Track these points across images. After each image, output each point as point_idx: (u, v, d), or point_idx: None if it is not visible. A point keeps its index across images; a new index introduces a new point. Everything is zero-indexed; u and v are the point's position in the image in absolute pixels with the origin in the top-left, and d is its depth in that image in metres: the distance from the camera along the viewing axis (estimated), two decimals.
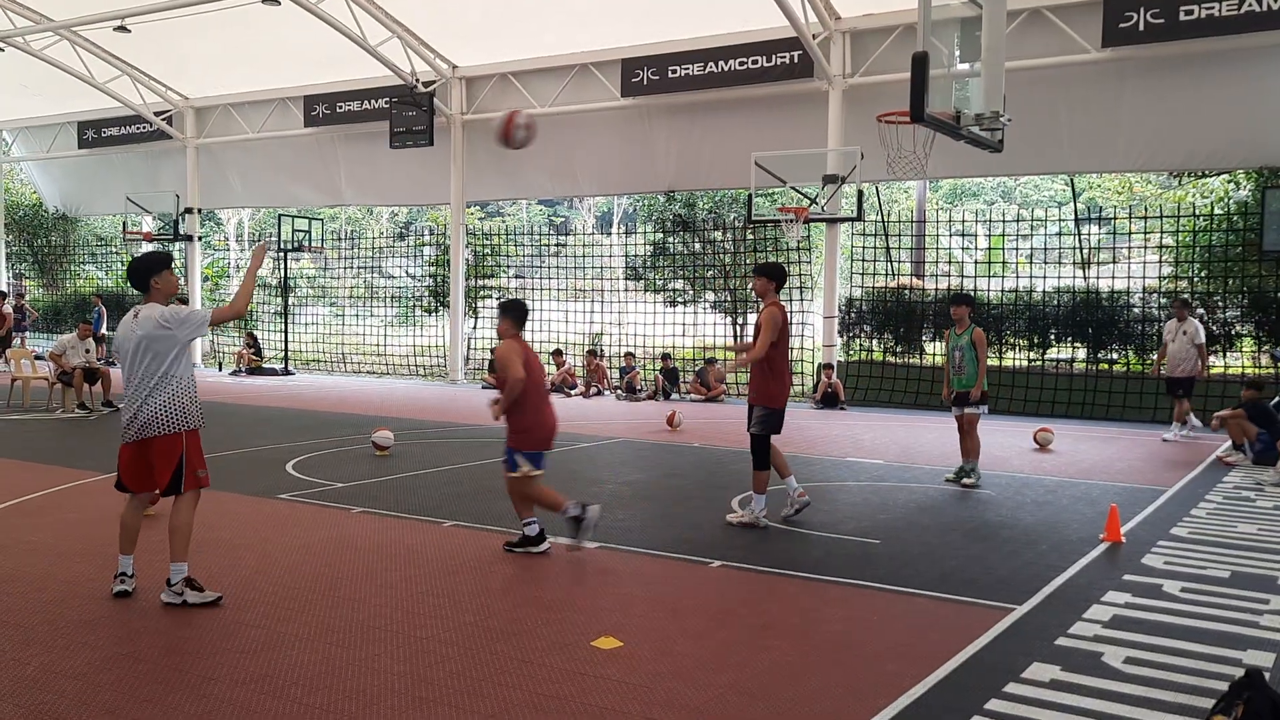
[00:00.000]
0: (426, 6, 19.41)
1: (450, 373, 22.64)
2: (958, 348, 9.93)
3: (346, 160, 23.79)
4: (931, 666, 4.84)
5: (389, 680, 4.61)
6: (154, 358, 5.58)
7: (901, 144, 11.09)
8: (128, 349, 5.62)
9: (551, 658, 4.93)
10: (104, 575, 6.25)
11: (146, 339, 5.57)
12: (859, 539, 7.58)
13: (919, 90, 7.81)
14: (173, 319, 5.59)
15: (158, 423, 5.56)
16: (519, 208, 43.33)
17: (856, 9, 17.23)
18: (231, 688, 4.49)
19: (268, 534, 7.47)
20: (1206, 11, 14.63)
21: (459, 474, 10.28)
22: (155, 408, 5.56)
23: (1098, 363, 17.47)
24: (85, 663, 4.78)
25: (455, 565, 6.67)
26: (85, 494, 8.97)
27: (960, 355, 9.90)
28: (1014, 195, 40.58)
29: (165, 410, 5.57)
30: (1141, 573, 6.64)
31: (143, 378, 5.59)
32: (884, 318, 19.08)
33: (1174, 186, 22.14)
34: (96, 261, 30.49)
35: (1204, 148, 15.72)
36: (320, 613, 5.59)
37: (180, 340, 5.64)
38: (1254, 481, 10.29)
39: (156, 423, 5.56)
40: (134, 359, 5.60)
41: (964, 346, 9.88)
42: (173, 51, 22.45)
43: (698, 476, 10.44)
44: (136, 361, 5.60)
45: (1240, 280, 16.23)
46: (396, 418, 14.88)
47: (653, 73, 19.17)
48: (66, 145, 27.88)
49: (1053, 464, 11.44)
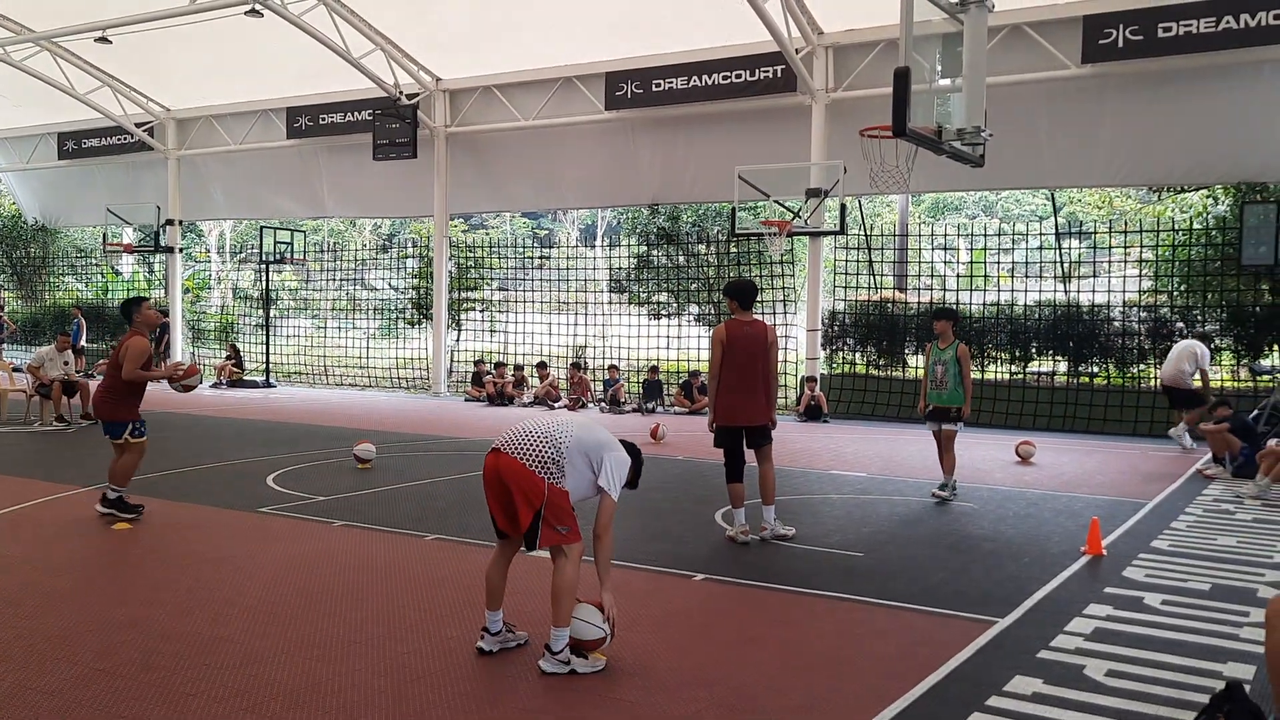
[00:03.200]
0: (410, 19, 19.41)
1: (433, 385, 22.57)
2: (940, 362, 9.84)
3: (329, 172, 23.73)
4: (915, 680, 4.84)
5: (370, 695, 4.57)
6: None
7: (884, 158, 11.15)
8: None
9: (535, 672, 4.90)
10: (81, 589, 6.20)
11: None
12: (842, 552, 7.58)
13: (901, 105, 7.85)
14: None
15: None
16: (502, 220, 43.30)
17: (839, 24, 17.34)
18: (210, 704, 4.45)
19: (248, 547, 7.41)
20: (1185, 29, 14.81)
21: (441, 487, 10.23)
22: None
23: (1079, 376, 17.57)
24: (61, 679, 4.72)
25: (437, 579, 6.64)
26: (63, 507, 8.88)
27: (943, 370, 9.81)
28: (995, 209, 40.84)
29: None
30: (1123, 585, 6.66)
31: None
32: (867, 331, 19.14)
33: (1153, 201, 22.33)
34: (76, 273, 30.28)
35: (1183, 163, 15.90)
36: (301, 627, 5.55)
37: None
38: (1233, 495, 10.35)
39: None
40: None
41: (947, 361, 9.79)
42: (154, 63, 22.36)
43: (681, 489, 10.42)
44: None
45: (1219, 294, 16.36)
46: (378, 430, 14.82)
47: (636, 86, 19.23)
48: (46, 156, 27.70)
49: (1034, 477, 11.49)
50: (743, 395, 7.81)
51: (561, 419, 5.13)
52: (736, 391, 7.81)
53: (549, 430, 5.00)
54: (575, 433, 5.03)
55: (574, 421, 5.16)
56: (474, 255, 24.87)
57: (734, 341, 7.79)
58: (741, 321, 7.86)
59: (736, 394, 7.81)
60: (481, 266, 24.42)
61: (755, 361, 7.78)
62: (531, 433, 4.98)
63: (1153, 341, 16.94)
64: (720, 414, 7.91)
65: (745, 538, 7.78)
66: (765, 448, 7.97)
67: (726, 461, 7.95)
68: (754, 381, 7.80)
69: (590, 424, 5.23)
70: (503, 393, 20.19)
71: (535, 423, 5.08)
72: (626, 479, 5.24)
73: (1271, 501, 9.88)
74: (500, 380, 20.44)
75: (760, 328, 7.84)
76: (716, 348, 7.86)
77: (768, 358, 7.80)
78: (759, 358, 7.78)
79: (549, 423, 5.08)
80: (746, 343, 7.78)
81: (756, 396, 7.81)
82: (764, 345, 7.79)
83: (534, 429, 5.01)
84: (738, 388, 7.80)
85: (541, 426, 5.03)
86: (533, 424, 5.06)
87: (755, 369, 7.79)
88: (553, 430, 5.00)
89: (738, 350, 7.78)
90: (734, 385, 7.81)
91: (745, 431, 7.90)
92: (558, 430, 5.00)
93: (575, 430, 5.05)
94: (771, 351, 7.83)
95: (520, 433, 5.00)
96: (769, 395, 7.86)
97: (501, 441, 5.01)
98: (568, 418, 5.22)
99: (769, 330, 7.87)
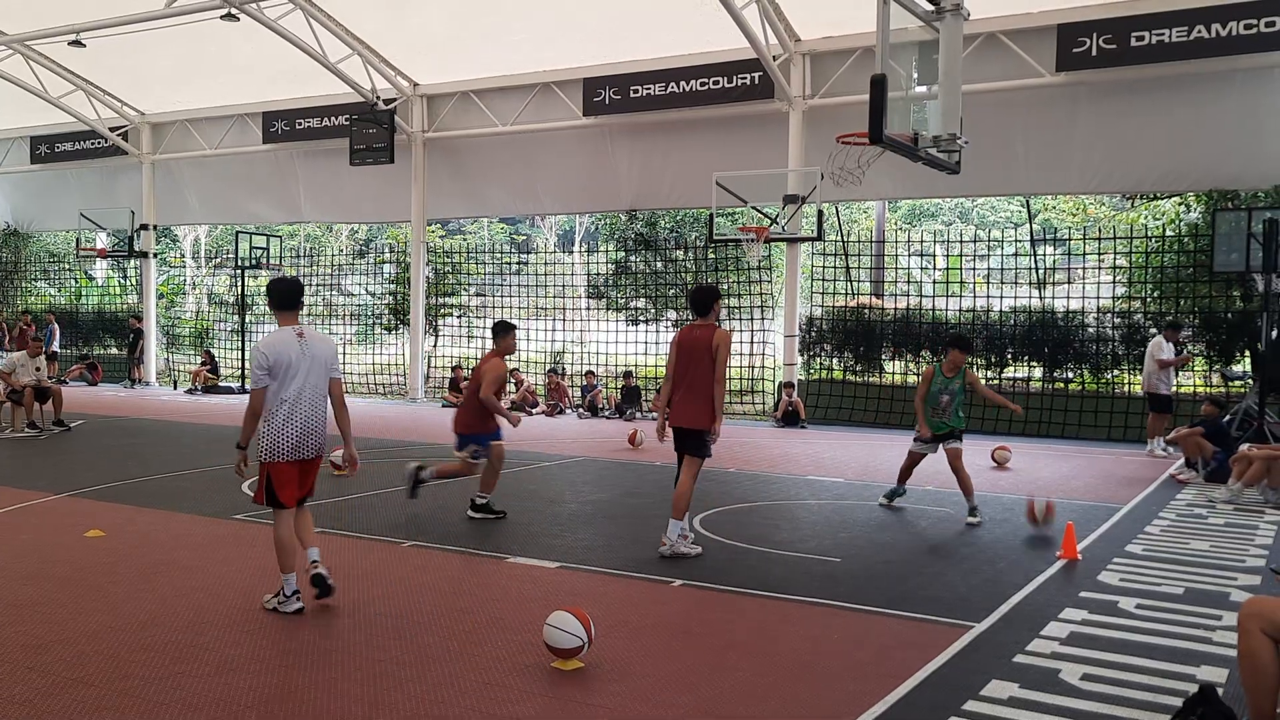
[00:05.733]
0: (387, 24, 19.36)
1: (410, 391, 22.48)
2: (947, 391, 9.28)
3: (306, 177, 23.63)
4: (892, 685, 4.86)
5: (348, 704, 4.54)
6: None
7: (846, 160, 11.16)
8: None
9: (513, 679, 4.88)
10: (52, 598, 6.13)
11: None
12: (820, 557, 7.60)
13: (878, 112, 7.90)
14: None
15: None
16: (480, 225, 43.20)
17: (816, 31, 17.43)
18: (185, 712, 4.41)
19: (223, 555, 7.36)
20: (1157, 38, 14.98)
21: (418, 493, 10.16)
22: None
23: (1054, 381, 17.70)
24: (32, 689, 4.66)
25: (415, 586, 6.60)
26: (34, 515, 8.78)
27: (949, 400, 9.25)
28: (971, 216, 41.09)
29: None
30: (1097, 590, 6.71)
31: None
32: (844, 337, 19.21)
33: (1127, 209, 22.51)
34: (49, 278, 29.99)
35: (1156, 170, 16.08)
36: (277, 635, 5.51)
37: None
38: (1206, 499, 10.44)
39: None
40: None
41: (954, 391, 9.26)
42: (129, 66, 22.20)
43: (659, 495, 10.39)
44: None
45: (1192, 300, 16.53)
46: (355, 436, 14.67)
47: (614, 92, 19.24)
48: (19, 160, 27.44)
49: (1010, 482, 11.55)
50: (682, 398, 7.64)
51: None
52: (677, 395, 7.67)
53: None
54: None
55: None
56: (451, 260, 24.81)
57: (681, 346, 7.70)
58: (694, 325, 7.74)
59: (676, 397, 7.68)
60: (459, 272, 24.36)
61: (696, 366, 7.56)
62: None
63: (1127, 347, 17.09)
64: (670, 418, 7.77)
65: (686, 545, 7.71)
66: (692, 458, 7.66)
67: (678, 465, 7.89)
68: (691, 386, 7.58)
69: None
70: None
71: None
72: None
73: (1244, 506, 9.97)
74: None
75: (706, 332, 7.59)
76: (670, 352, 7.86)
77: (713, 360, 7.47)
78: (701, 362, 7.52)
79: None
80: (690, 346, 7.63)
81: (692, 401, 7.56)
82: (707, 348, 7.50)
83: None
84: (678, 391, 7.67)
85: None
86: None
87: (696, 373, 7.55)
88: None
89: (681, 356, 7.67)
90: (677, 389, 7.68)
91: (682, 435, 7.70)
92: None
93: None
94: (719, 353, 7.47)
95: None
96: (710, 402, 7.49)
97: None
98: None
99: (715, 335, 7.55)
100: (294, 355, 5.90)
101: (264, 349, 5.88)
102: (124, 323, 26.63)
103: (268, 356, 5.83)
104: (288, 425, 5.91)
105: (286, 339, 5.92)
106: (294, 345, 5.92)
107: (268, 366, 5.84)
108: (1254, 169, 15.27)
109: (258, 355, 5.88)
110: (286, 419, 5.90)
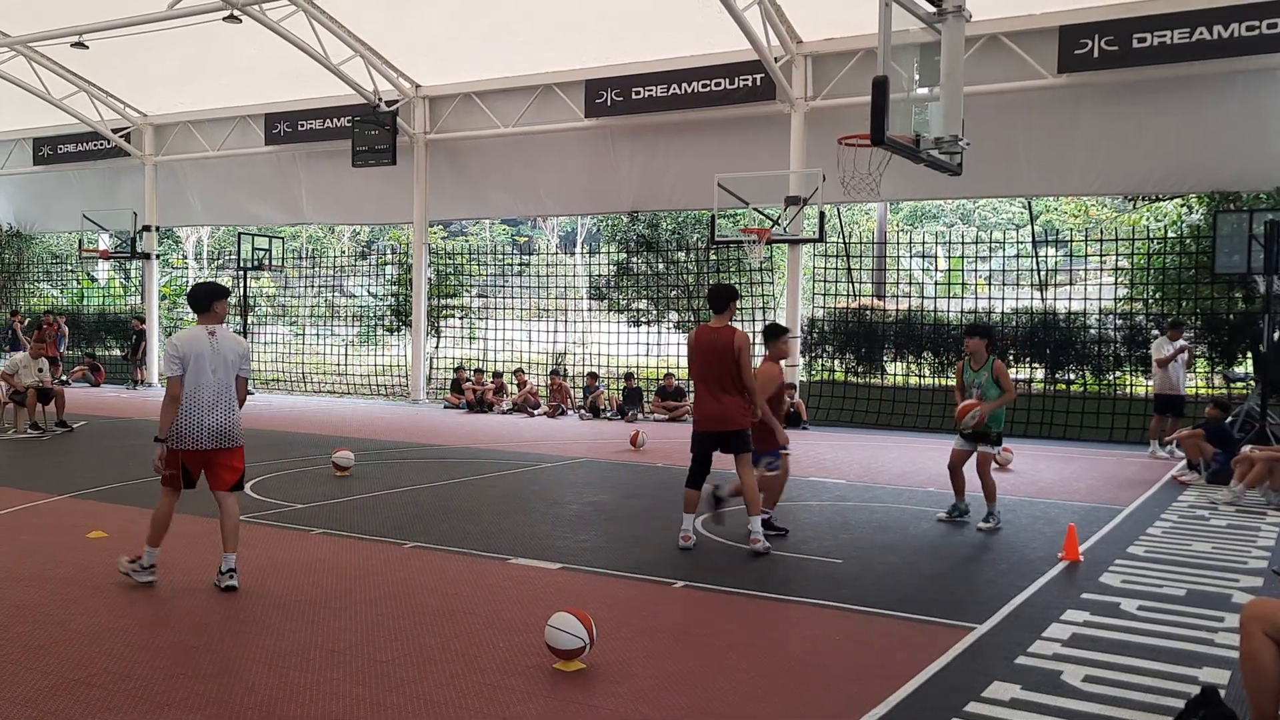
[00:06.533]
0: (390, 26, 19.37)
1: (412, 392, 22.48)
2: (975, 385, 9.04)
3: (308, 179, 23.64)
4: (893, 686, 4.86)
5: (349, 704, 4.54)
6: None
7: (857, 167, 11.18)
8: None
9: (513, 679, 4.89)
10: (55, 599, 6.14)
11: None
12: (822, 559, 7.60)
13: (879, 114, 7.89)
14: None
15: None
16: (482, 227, 43.19)
17: (818, 33, 17.42)
18: (187, 713, 4.41)
19: None
20: (1159, 40, 14.97)
21: (420, 495, 10.19)
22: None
23: (1055, 383, 17.70)
24: (34, 689, 4.67)
25: (416, 587, 6.61)
26: (37, 516, 8.79)
27: (979, 394, 8.99)
28: (973, 218, 41.04)
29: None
30: (1099, 591, 6.71)
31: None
32: (846, 338, 19.21)
33: (1128, 210, 22.49)
34: (51, 280, 30.00)
35: (1157, 172, 16.07)
36: (278, 636, 5.51)
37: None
38: (1208, 500, 10.44)
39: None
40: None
41: (983, 384, 8.98)
42: (131, 68, 22.21)
43: (661, 496, 10.41)
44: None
45: (1193, 302, 16.52)
46: (357, 438, 14.75)
47: (616, 94, 19.25)
48: (21, 162, 27.46)
49: (1012, 483, 11.54)
50: (712, 403, 7.72)
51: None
52: (704, 400, 7.78)
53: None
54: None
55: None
56: (453, 262, 24.82)
57: (698, 348, 7.75)
58: (710, 328, 7.79)
59: (705, 402, 7.77)
60: (461, 273, 24.37)
61: (719, 368, 7.63)
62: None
63: (1128, 349, 17.08)
64: (695, 420, 7.93)
65: (684, 543, 7.75)
66: (743, 455, 7.79)
67: (690, 466, 7.92)
68: (719, 389, 7.65)
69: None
70: (482, 400, 20.14)
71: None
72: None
73: (1246, 507, 9.97)
74: (479, 387, 20.39)
75: (726, 334, 7.65)
76: (689, 352, 7.90)
77: (736, 363, 7.58)
78: (724, 364, 7.60)
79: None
80: (708, 349, 7.69)
81: (722, 404, 7.65)
82: (729, 351, 7.60)
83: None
84: (705, 396, 7.77)
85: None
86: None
87: (719, 375, 7.63)
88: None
89: (700, 358, 7.73)
90: (702, 393, 7.80)
91: (717, 438, 7.79)
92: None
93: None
94: (741, 357, 7.59)
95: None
96: (744, 401, 7.70)
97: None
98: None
99: (735, 336, 7.63)
100: (204, 350, 6.34)
101: (176, 341, 6.40)
102: (126, 324, 26.65)
103: (179, 348, 6.32)
104: (188, 414, 6.34)
105: (198, 335, 6.40)
106: (204, 341, 6.37)
107: (179, 357, 6.30)
108: (1255, 170, 15.26)
109: (170, 347, 6.37)
110: (188, 409, 6.34)
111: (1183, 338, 14.56)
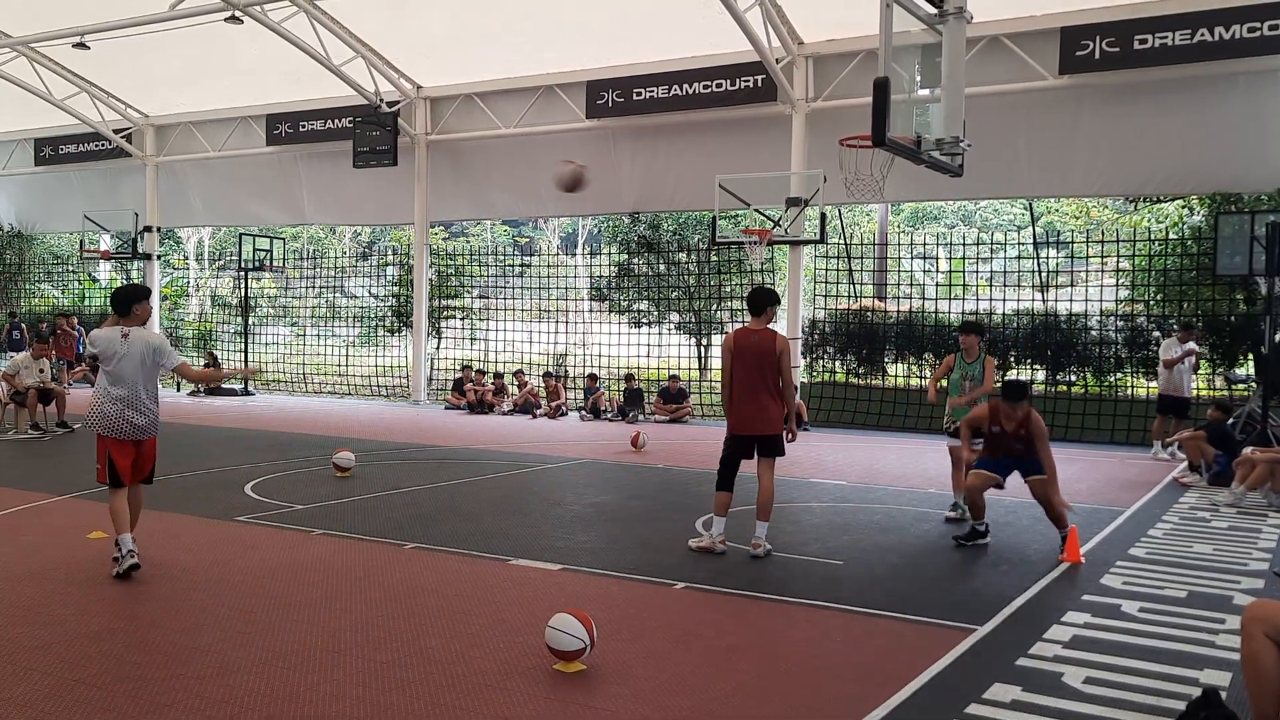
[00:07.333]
0: (391, 27, 19.38)
1: (413, 393, 22.49)
2: (969, 378, 9.34)
3: (309, 179, 23.64)
4: (894, 688, 4.85)
5: (349, 705, 4.54)
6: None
7: (859, 168, 11.18)
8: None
9: (513, 680, 4.88)
10: (55, 599, 6.14)
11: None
12: (822, 560, 7.60)
13: (880, 115, 7.88)
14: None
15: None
16: (483, 228, 43.23)
17: (819, 34, 17.42)
18: (187, 714, 4.41)
19: (225, 557, 7.36)
20: (1160, 41, 14.96)
21: (420, 496, 10.19)
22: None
23: (1056, 384, 17.69)
24: (33, 690, 4.67)
25: (416, 588, 6.60)
26: (37, 516, 8.80)
27: (971, 386, 9.30)
28: (974, 219, 41.07)
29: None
30: (1100, 593, 6.70)
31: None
32: (847, 339, 19.21)
33: (1130, 211, 22.50)
34: (53, 280, 30.02)
35: (1159, 173, 16.06)
36: (279, 637, 5.51)
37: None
38: (1209, 502, 10.43)
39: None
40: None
41: (976, 376, 9.30)
42: (133, 69, 22.22)
43: (662, 498, 10.42)
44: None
45: (1195, 304, 16.51)
46: (358, 439, 14.74)
47: (618, 95, 19.25)
48: (23, 162, 27.48)
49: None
50: (753, 406, 7.70)
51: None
52: (746, 402, 7.72)
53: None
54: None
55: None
56: (454, 263, 24.82)
57: (740, 351, 7.73)
58: (750, 330, 7.78)
59: (746, 404, 7.72)
60: (462, 274, 24.37)
61: (760, 371, 7.64)
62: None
63: (1129, 350, 17.07)
64: (732, 424, 7.83)
65: (721, 547, 7.72)
66: (769, 459, 7.79)
67: (720, 468, 7.87)
68: (761, 391, 7.67)
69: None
70: (483, 400, 20.14)
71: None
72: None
73: (1247, 509, 9.97)
74: (480, 388, 20.39)
75: (768, 336, 7.68)
76: (725, 356, 7.81)
77: (777, 367, 7.63)
78: (766, 368, 7.63)
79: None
80: (751, 352, 7.68)
81: (766, 407, 7.67)
82: (771, 354, 7.62)
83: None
84: (746, 398, 7.71)
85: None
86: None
87: (762, 379, 7.65)
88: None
89: (742, 360, 7.71)
90: (743, 396, 7.73)
91: (755, 441, 7.76)
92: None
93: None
94: (782, 360, 7.63)
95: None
96: (786, 405, 7.74)
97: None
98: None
99: (777, 339, 7.67)
100: (116, 350, 6.90)
101: (92, 338, 7.15)
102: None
103: (94, 345, 7.03)
104: (112, 405, 6.91)
105: (112, 334, 6.98)
106: (117, 340, 6.93)
107: (94, 354, 7.05)
108: (1257, 172, 15.26)
109: (89, 343, 7.16)
110: (112, 400, 6.91)
111: (1191, 337, 14.57)
